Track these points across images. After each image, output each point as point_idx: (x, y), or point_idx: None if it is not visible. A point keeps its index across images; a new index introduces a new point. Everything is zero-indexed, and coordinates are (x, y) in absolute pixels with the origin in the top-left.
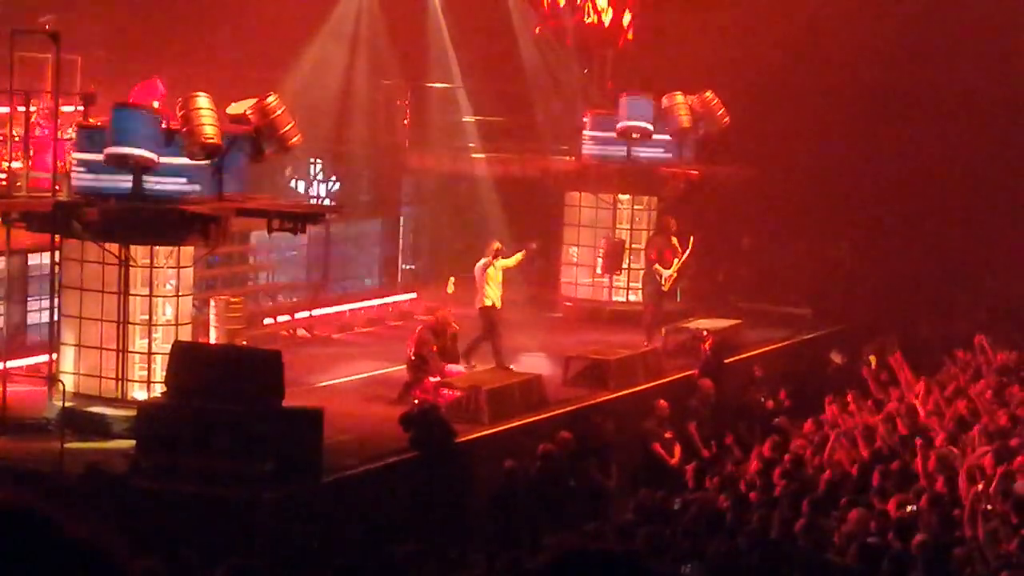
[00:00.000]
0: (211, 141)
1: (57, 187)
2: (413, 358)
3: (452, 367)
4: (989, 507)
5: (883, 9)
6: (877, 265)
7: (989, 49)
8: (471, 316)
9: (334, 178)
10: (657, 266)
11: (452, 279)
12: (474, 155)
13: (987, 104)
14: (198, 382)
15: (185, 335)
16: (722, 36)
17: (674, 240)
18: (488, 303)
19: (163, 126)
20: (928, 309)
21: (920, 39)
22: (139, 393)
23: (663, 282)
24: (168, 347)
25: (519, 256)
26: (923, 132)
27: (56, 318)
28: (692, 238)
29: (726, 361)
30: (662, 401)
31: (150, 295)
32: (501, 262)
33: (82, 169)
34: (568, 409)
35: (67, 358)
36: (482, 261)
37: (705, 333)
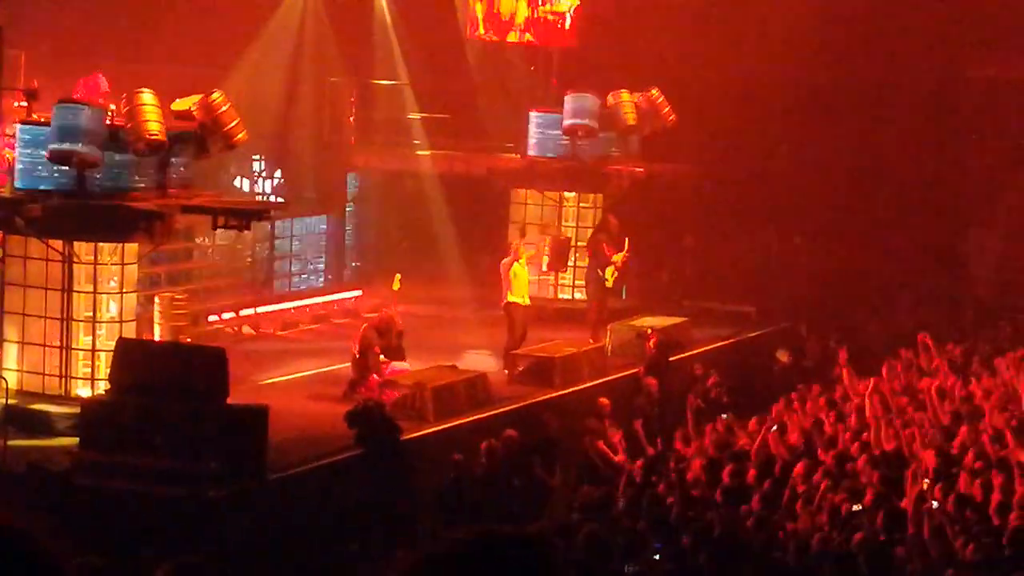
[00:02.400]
0: (155, 137)
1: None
2: (357, 356)
3: (397, 365)
4: (935, 504)
5: (829, 6)
6: (821, 263)
7: (936, 44)
8: (418, 314)
9: (278, 174)
10: (608, 264)
11: (398, 276)
12: (420, 152)
13: (932, 101)
14: (142, 380)
15: (129, 332)
16: (668, 34)
17: (613, 237)
18: (513, 300)
19: (107, 122)
20: (872, 307)
21: (866, 35)
22: (83, 390)
23: (606, 279)
24: (112, 344)
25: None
26: (868, 130)
27: None
28: (628, 239)
29: (671, 359)
30: (604, 399)
31: (94, 292)
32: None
33: (25, 165)
34: (513, 407)
35: (10, 355)
36: (506, 260)
37: (650, 331)
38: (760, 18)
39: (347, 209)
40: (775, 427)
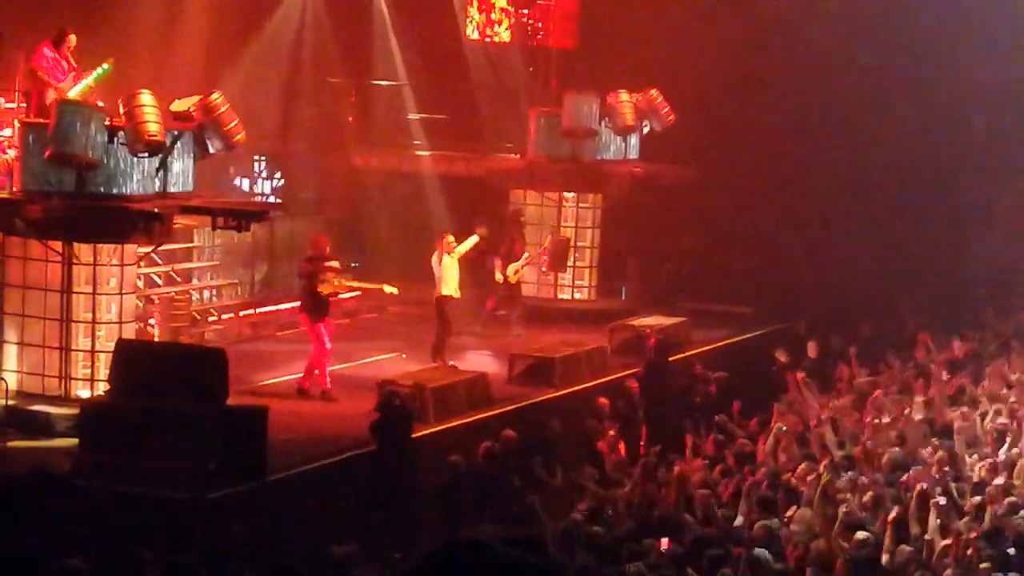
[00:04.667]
0: (155, 138)
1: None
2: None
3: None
4: (942, 501)
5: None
6: (821, 262)
7: (936, 44)
8: (416, 314)
9: (278, 175)
10: (497, 261)
11: (388, 286)
12: (419, 153)
13: (933, 101)
14: (142, 380)
15: (129, 333)
16: (667, 34)
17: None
18: (445, 293)
19: (106, 123)
20: (872, 308)
21: (867, 34)
22: (82, 391)
23: (512, 275)
24: (112, 345)
25: (472, 240)
26: (868, 129)
27: None
28: (549, 237)
29: (670, 359)
30: (603, 399)
31: (93, 293)
32: (458, 249)
33: (25, 167)
34: (513, 407)
35: (9, 356)
36: (436, 255)
37: (648, 331)
38: (760, 17)
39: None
40: (777, 428)
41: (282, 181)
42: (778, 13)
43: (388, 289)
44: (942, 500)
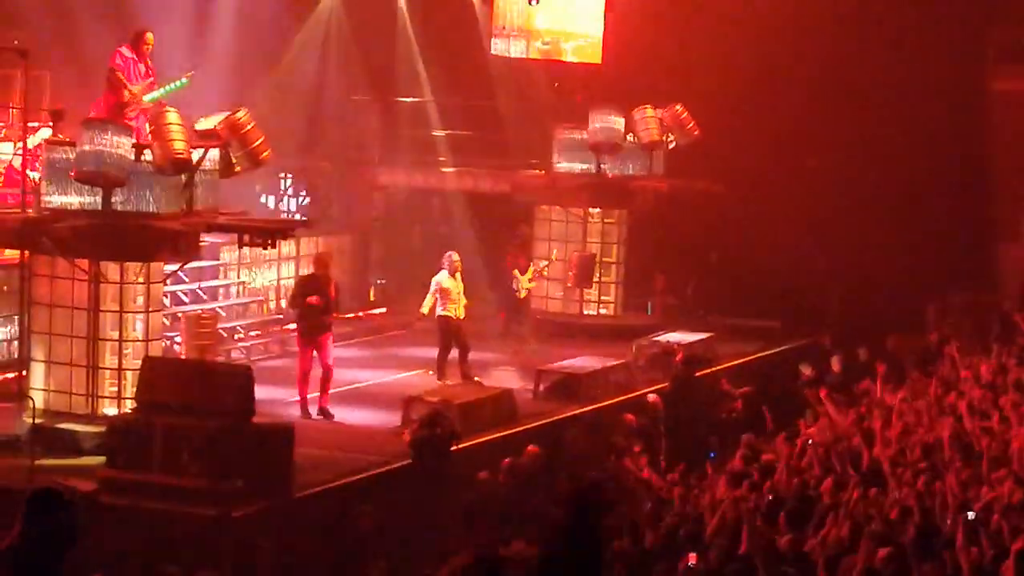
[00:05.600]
0: (181, 156)
1: (27, 203)
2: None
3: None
4: (971, 516)
5: (855, 24)
6: (847, 277)
7: (960, 57)
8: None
9: (304, 193)
10: (516, 272)
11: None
12: (444, 169)
13: (959, 115)
14: (168, 398)
15: (155, 351)
16: (692, 50)
17: (526, 248)
18: (446, 314)
19: (133, 141)
20: (898, 321)
21: (895, 49)
22: (109, 409)
23: (519, 289)
24: (138, 363)
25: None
26: (894, 144)
27: (25, 335)
28: (555, 249)
29: (697, 375)
30: (629, 415)
31: (120, 311)
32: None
33: (51, 185)
34: (539, 423)
35: (37, 375)
36: (441, 274)
37: (675, 347)
38: (784, 34)
39: (372, 227)
40: (803, 443)
41: (308, 198)
42: (804, 27)
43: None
44: (971, 515)
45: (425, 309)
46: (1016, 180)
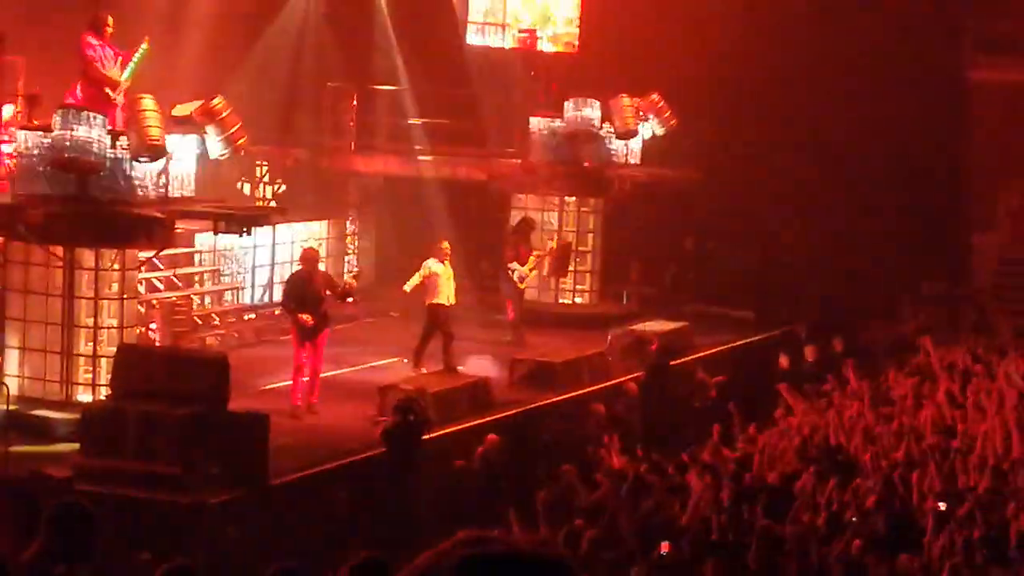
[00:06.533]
0: (156, 143)
1: (2, 188)
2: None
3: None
4: (941, 506)
5: (831, 10)
6: (822, 267)
7: (938, 46)
8: (418, 319)
9: (280, 180)
10: (515, 264)
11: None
12: (421, 157)
13: (934, 104)
14: (143, 385)
15: (130, 338)
16: (669, 38)
17: (528, 239)
18: (437, 301)
19: (108, 128)
20: (873, 311)
21: (869, 38)
22: (84, 396)
23: (519, 281)
24: (113, 350)
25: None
26: (870, 134)
27: None
28: (557, 239)
29: (672, 364)
30: (599, 405)
31: (95, 297)
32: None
33: (26, 171)
34: (514, 412)
35: (11, 361)
36: (431, 260)
37: (650, 335)
38: (761, 21)
39: (348, 214)
40: (778, 432)
41: (283, 186)
42: (781, 17)
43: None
44: (941, 505)
45: (408, 287)
46: (991, 171)
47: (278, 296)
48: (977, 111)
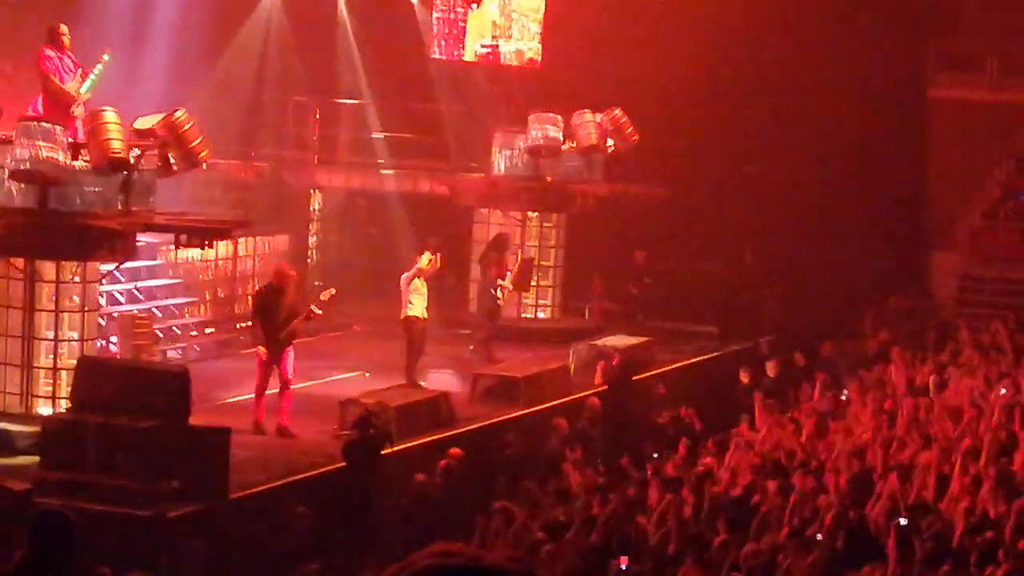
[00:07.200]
0: (118, 156)
1: None
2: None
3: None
4: (903, 521)
5: (793, 29)
6: (785, 282)
7: (900, 64)
8: (380, 334)
9: (242, 193)
10: (500, 281)
11: (330, 290)
12: (383, 171)
13: (896, 123)
14: (104, 398)
15: (91, 351)
16: (631, 54)
17: (503, 255)
18: (412, 314)
19: (69, 140)
20: (836, 326)
21: (833, 56)
22: (44, 409)
23: (500, 296)
24: (74, 363)
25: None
26: (832, 153)
27: None
28: (521, 256)
29: (633, 379)
30: (561, 420)
31: (56, 310)
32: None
33: None
34: (476, 426)
35: None
36: (408, 273)
37: (612, 351)
38: (724, 39)
39: (309, 228)
40: (738, 447)
41: (245, 198)
42: (744, 34)
43: (324, 296)
44: (903, 521)
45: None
46: (951, 188)
47: (239, 310)
48: (938, 129)
